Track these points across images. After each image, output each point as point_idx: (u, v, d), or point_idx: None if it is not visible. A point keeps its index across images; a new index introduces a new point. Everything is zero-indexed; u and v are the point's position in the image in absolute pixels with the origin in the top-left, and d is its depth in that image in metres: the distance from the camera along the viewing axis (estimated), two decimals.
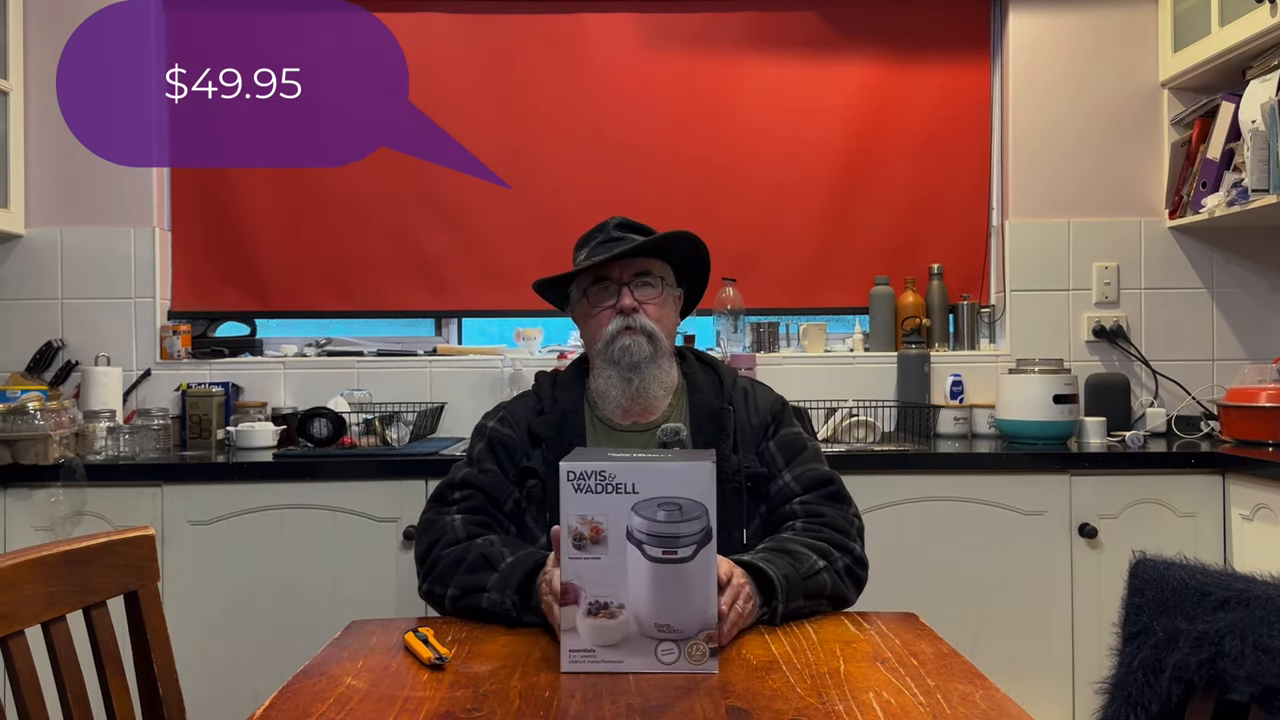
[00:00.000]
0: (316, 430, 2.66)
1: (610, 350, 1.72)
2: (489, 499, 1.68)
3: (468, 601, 1.50)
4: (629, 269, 1.75)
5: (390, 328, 3.36)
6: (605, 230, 1.79)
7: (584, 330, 1.84)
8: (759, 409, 1.78)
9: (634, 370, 1.72)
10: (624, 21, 3.20)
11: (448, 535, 1.61)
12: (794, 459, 1.73)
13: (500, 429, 1.76)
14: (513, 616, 1.43)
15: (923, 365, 3.02)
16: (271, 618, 2.48)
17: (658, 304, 1.77)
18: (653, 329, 1.73)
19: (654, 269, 1.78)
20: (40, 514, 2.46)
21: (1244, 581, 1.02)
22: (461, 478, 1.70)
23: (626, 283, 1.74)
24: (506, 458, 1.72)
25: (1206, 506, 2.54)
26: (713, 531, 1.20)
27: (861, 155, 3.21)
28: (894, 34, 3.20)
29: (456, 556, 1.56)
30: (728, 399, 1.78)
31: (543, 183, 3.20)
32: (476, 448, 1.76)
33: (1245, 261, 3.13)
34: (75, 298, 3.07)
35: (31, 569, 1.26)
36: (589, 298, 1.78)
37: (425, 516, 1.69)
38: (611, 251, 1.72)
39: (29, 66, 3.05)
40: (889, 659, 1.26)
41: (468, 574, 1.51)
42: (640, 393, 1.73)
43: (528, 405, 1.80)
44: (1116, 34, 3.13)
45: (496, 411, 1.82)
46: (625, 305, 1.73)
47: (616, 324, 1.73)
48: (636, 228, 1.80)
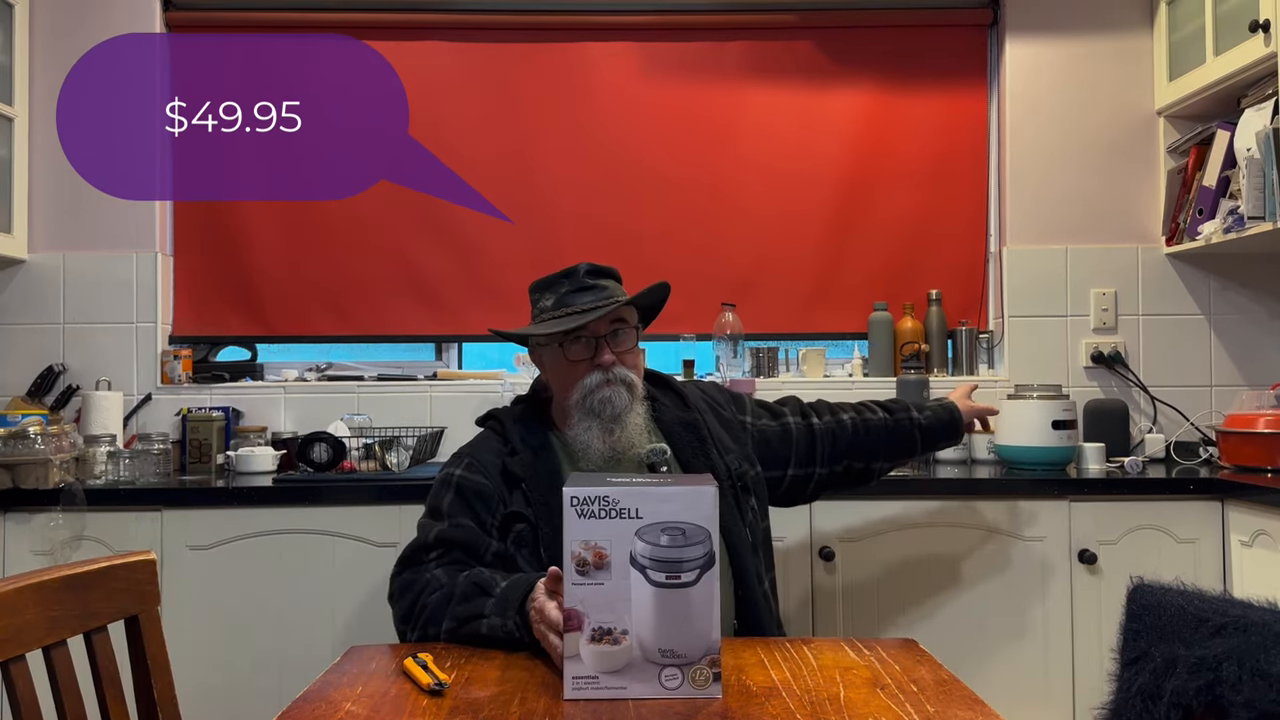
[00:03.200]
0: (316, 455, 2.66)
1: (589, 402, 1.70)
2: (467, 553, 1.62)
3: (466, 631, 1.47)
4: (604, 321, 1.73)
5: (390, 352, 3.36)
6: (574, 278, 1.76)
7: (554, 378, 1.79)
8: (720, 410, 1.91)
9: (615, 421, 1.71)
10: (624, 51, 3.23)
11: (431, 584, 1.56)
12: (776, 418, 1.98)
13: (470, 476, 1.70)
14: (515, 638, 1.41)
15: (922, 390, 3.03)
16: (271, 643, 2.47)
17: (632, 351, 1.78)
18: (631, 379, 1.73)
19: (626, 316, 1.78)
20: (40, 538, 2.46)
21: (1241, 607, 1.03)
22: (435, 536, 1.63)
23: (604, 335, 1.73)
24: (483, 507, 1.67)
25: (1206, 532, 2.54)
26: (715, 556, 1.21)
27: (860, 182, 3.23)
28: (891, 62, 3.23)
29: (444, 596, 1.52)
30: (695, 409, 1.83)
31: (543, 209, 3.22)
32: (445, 499, 1.68)
33: (1242, 288, 3.14)
34: (77, 322, 3.07)
35: (33, 593, 1.27)
36: (565, 350, 1.74)
37: (401, 579, 1.62)
38: (592, 304, 1.72)
39: (34, 92, 3.07)
40: (889, 685, 1.26)
41: (461, 604, 1.48)
42: (621, 440, 1.72)
43: (492, 448, 1.75)
44: (1113, 62, 3.16)
45: (459, 459, 1.76)
46: (605, 361, 1.72)
47: (596, 377, 1.71)
48: (605, 272, 1.80)
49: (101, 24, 3.09)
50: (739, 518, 1.74)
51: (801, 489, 2.00)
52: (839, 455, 2.00)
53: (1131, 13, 3.16)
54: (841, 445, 2.00)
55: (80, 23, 3.08)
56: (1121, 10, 3.16)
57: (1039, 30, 3.17)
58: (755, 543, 1.77)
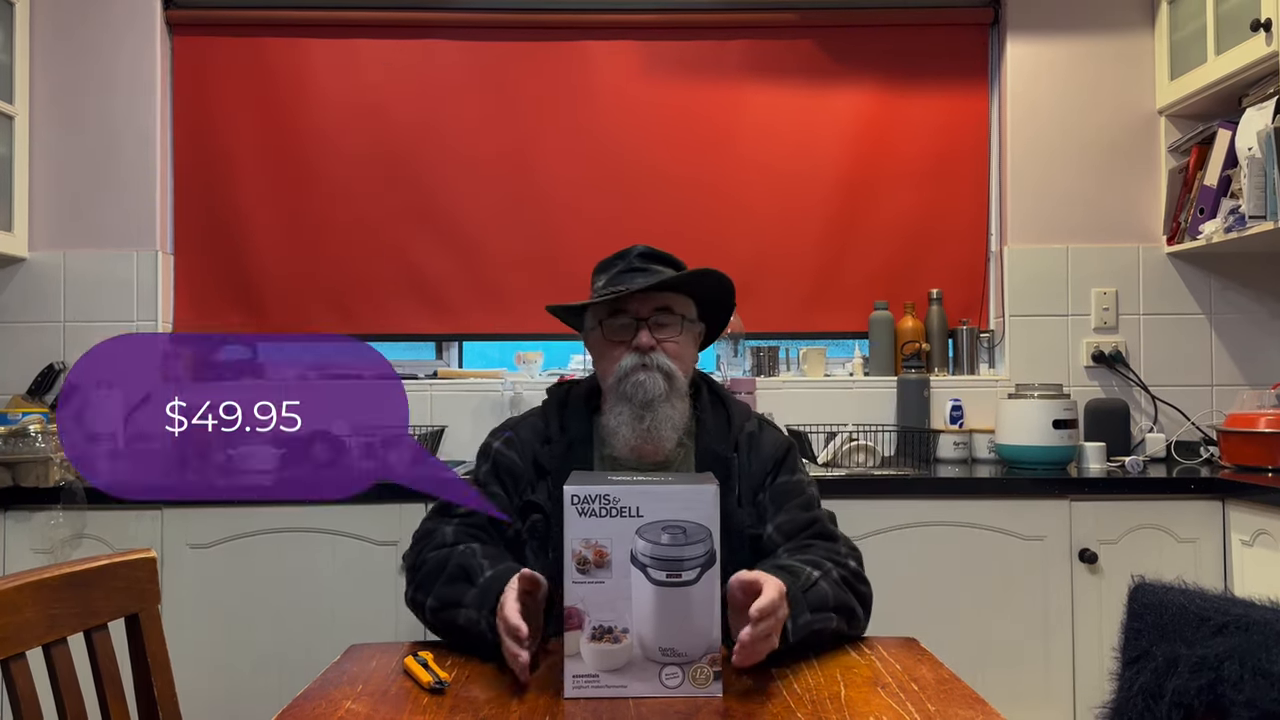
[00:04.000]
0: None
1: (623, 386, 1.63)
2: (492, 521, 1.62)
3: (446, 615, 1.46)
4: (648, 304, 1.66)
5: (391, 351, 3.36)
6: (627, 259, 1.70)
7: (597, 362, 1.73)
8: (761, 456, 1.69)
9: (646, 408, 1.62)
10: (624, 50, 3.23)
11: (436, 539, 1.57)
12: (781, 508, 1.63)
13: (505, 452, 1.69)
14: (487, 640, 1.36)
15: (922, 390, 3.03)
16: (271, 641, 2.47)
17: (677, 341, 1.67)
18: (670, 368, 1.64)
19: (675, 304, 1.68)
20: (40, 536, 2.45)
21: (1243, 606, 1.03)
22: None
23: (645, 318, 1.65)
24: (511, 484, 1.66)
25: (1206, 532, 2.54)
26: (716, 555, 1.21)
27: (860, 180, 3.23)
28: (892, 61, 3.23)
29: (439, 562, 1.52)
30: (732, 444, 1.69)
31: (545, 208, 3.22)
32: (481, 469, 1.70)
33: (1243, 288, 3.14)
34: (78, 321, 3.07)
35: (33, 591, 1.27)
36: (604, 330, 1.68)
37: (424, 525, 1.64)
38: (631, 284, 1.64)
39: (34, 90, 3.07)
40: (889, 684, 1.26)
41: (446, 585, 1.47)
42: (651, 430, 1.63)
43: (535, 429, 1.71)
44: (1114, 61, 3.16)
45: (502, 430, 1.75)
46: (642, 343, 1.64)
47: (631, 360, 1.64)
48: (661, 258, 1.71)
49: (102, 22, 3.09)
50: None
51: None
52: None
53: (1132, 12, 3.16)
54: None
55: (81, 21, 3.08)
56: (1122, 9, 3.16)
57: (1040, 29, 3.17)
58: None
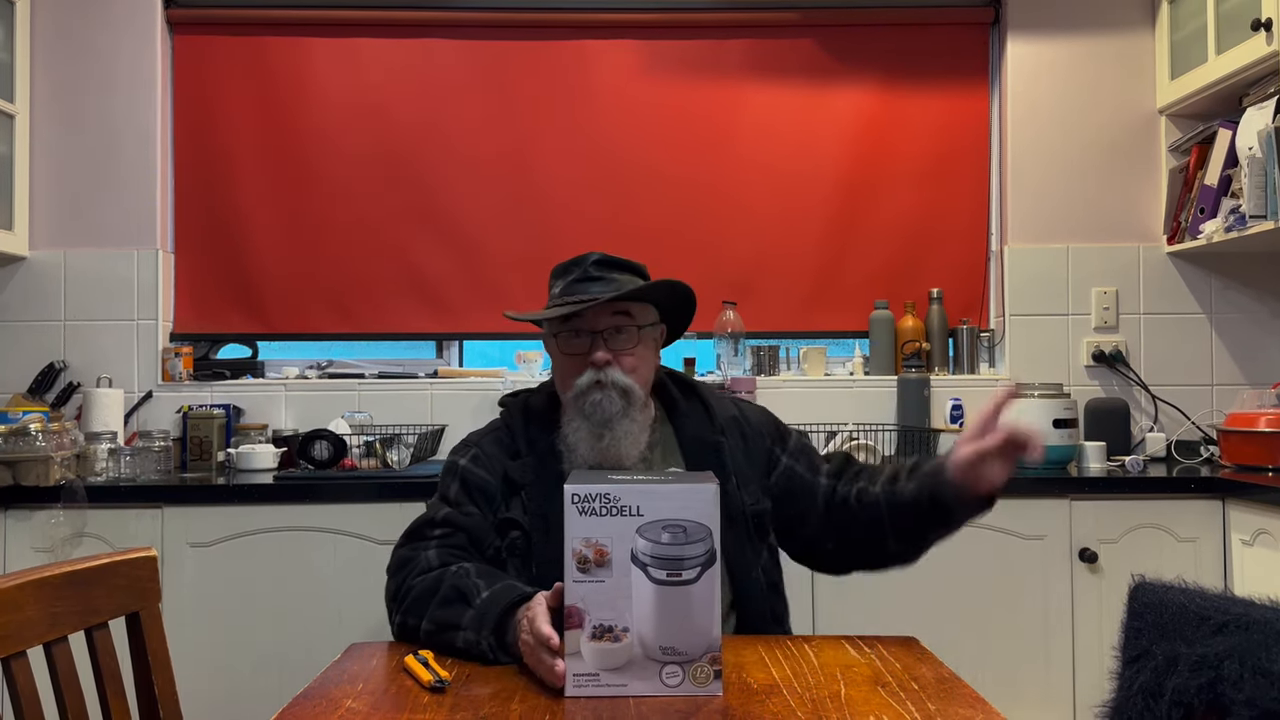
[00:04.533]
0: (317, 452, 2.66)
1: (581, 404, 1.61)
2: (471, 540, 1.57)
3: (443, 638, 1.41)
4: (603, 315, 1.62)
5: (391, 350, 3.36)
6: (583, 266, 1.66)
7: (555, 371, 1.71)
8: (754, 429, 1.71)
9: (604, 426, 1.60)
10: (624, 49, 3.23)
11: (419, 564, 1.51)
12: (812, 461, 1.72)
13: (474, 469, 1.65)
14: (489, 659, 1.35)
15: (923, 389, 3.03)
16: (271, 640, 2.47)
17: (634, 354, 1.64)
18: (626, 384, 1.61)
19: (633, 310, 1.64)
20: (41, 535, 2.46)
21: (1243, 605, 1.03)
22: (443, 516, 1.59)
23: (600, 331, 1.61)
24: (485, 502, 1.62)
25: (1207, 531, 2.54)
26: (716, 554, 1.21)
27: (861, 180, 3.23)
28: (893, 60, 3.23)
29: (429, 585, 1.46)
30: (719, 429, 1.68)
31: (544, 207, 3.22)
32: (451, 488, 1.64)
33: (1243, 287, 3.14)
34: (78, 319, 3.07)
35: (34, 589, 1.27)
36: (559, 342, 1.65)
37: (399, 554, 1.57)
38: (582, 297, 1.60)
39: (35, 89, 3.07)
40: (890, 683, 1.26)
41: (441, 608, 1.42)
42: (610, 447, 1.61)
43: (500, 444, 1.68)
44: (1114, 61, 3.16)
45: (466, 448, 1.70)
46: (598, 359, 1.61)
47: (588, 377, 1.61)
48: (618, 264, 1.67)
49: (102, 21, 3.09)
50: (753, 559, 1.62)
51: (812, 556, 1.75)
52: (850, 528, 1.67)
53: (1133, 11, 3.16)
54: (860, 519, 1.65)
55: (81, 20, 3.08)
56: (1123, 9, 3.16)
57: (1040, 29, 3.17)
58: (767, 584, 1.65)
